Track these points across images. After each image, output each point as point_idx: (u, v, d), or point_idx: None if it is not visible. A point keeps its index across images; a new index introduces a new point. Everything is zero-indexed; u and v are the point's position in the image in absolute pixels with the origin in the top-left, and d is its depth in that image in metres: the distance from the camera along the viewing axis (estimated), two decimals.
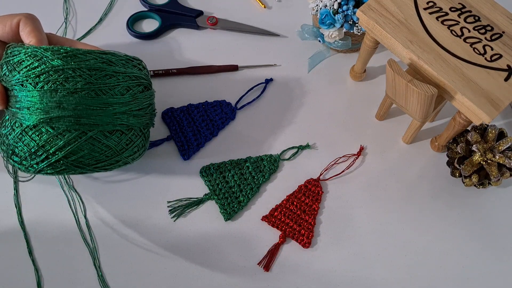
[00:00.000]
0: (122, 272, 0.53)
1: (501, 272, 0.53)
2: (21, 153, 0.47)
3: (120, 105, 0.48)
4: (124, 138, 0.49)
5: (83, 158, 0.47)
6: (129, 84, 0.49)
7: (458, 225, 0.55)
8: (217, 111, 0.61)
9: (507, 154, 0.52)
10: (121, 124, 0.49)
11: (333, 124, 0.61)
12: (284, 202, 0.56)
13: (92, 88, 0.46)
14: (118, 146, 0.49)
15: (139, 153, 0.52)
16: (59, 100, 0.45)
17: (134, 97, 0.49)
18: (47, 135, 0.46)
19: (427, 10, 0.51)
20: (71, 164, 0.47)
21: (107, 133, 0.48)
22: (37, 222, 0.55)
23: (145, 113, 0.51)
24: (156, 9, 0.68)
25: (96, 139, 0.47)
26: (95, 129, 0.47)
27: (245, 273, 0.53)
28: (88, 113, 0.46)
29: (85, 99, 0.46)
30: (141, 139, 0.52)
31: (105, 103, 0.47)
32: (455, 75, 0.47)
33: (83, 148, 0.47)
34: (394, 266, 0.53)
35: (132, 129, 0.50)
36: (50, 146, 0.46)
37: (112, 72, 0.48)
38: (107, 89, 0.47)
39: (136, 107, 0.50)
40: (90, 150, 0.47)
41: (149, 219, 0.55)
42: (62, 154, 0.46)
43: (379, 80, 0.64)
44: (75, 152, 0.47)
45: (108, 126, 0.48)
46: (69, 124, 0.46)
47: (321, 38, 0.62)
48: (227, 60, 0.65)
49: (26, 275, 0.52)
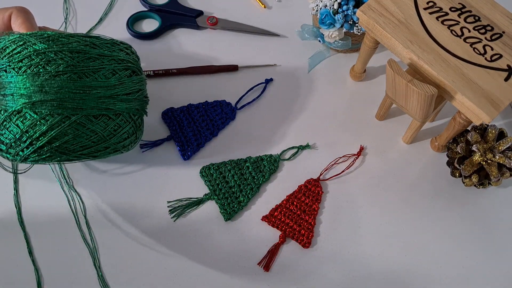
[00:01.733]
0: (122, 272, 0.53)
1: (501, 272, 0.53)
2: (6, 140, 0.46)
3: (105, 89, 0.47)
4: (111, 123, 0.48)
5: (68, 143, 0.46)
6: (115, 68, 0.48)
7: (458, 225, 0.55)
8: (217, 111, 0.61)
9: (507, 154, 0.52)
10: (107, 109, 0.47)
11: (333, 124, 0.61)
12: (284, 202, 0.56)
13: (74, 70, 0.45)
14: (105, 132, 0.48)
15: (130, 140, 0.51)
16: (41, 83, 0.44)
17: (121, 81, 0.48)
18: (31, 120, 0.45)
19: (427, 10, 0.51)
20: (56, 150, 0.46)
21: (92, 118, 0.47)
22: (37, 222, 0.55)
23: (134, 99, 0.50)
24: (156, 9, 0.68)
25: (81, 124, 0.46)
26: (79, 113, 0.46)
27: (245, 273, 0.53)
28: (71, 97, 0.45)
29: (67, 82, 0.45)
30: (131, 125, 0.51)
31: (88, 87, 0.46)
32: (455, 75, 0.47)
33: (67, 133, 0.46)
34: (394, 266, 0.53)
35: (120, 114, 0.49)
36: (34, 132, 0.45)
37: (95, 55, 0.47)
38: (91, 72, 0.46)
39: (123, 92, 0.48)
40: (74, 135, 0.46)
41: (149, 219, 0.55)
42: (45, 139, 0.45)
43: (379, 80, 0.64)
44: (59, 137, 0.46)
45: (92, 111, 0.47)
46: (52, 108, 0.45)
47: (321, 38, 0.62)
48: (227, 60, 0.65)
49: (26, 275, 0.52)
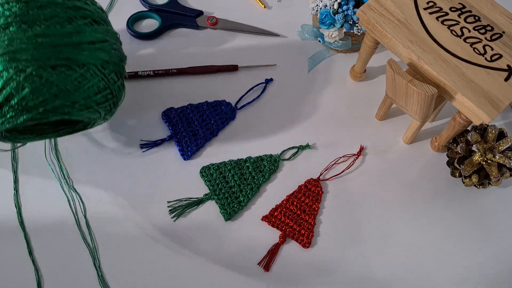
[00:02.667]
0: (122, 272, 0.53)
1: (501, 272, 0.53)
2: None
3: (60, 37, 0.44)
4: (73, 74, 0.45)
5: (27, 99, 0.44)
6: (70, 15, 0.45)
7: (458, 225, 0.55)
8: (217, 111, 0.61)
9: (507, 154, 0.52)
10: (66, 59, 0.45)
11: (333, 124, 0.61)
12: (284, 202, 0.56)
13: (24, 20, 0.43)
14: (67, 84, 0.45)
15: (103, 96, 0.49)
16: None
17: (78, 30, 0.46)
18: None
19: (427, 10, 0.51)
20: (17, 109, 0.44)
21: (49, 69, 0.44)
22: (37, 222, 0.55)
23: (99, 49, 0.47)
24: (156, 9, 0.68)
25: (37, 76, 0.44)
26: (34, 65, 0.43)
27: (245, 273, 0.53)
28: (24, 48, 0.43)
29: (17, 34, 0.43)
30: (100, 79, 0.48)
31: (41, 35, 0.43)
32: (455, 75, 0.47)
33: (24, 86, 0.43)
34: (394, 266, 0.53)
35: (84, 65, 0.46)
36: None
37: (46, 2, 0.44)
38: (42, 21, 0.44)
39: (83, 40, 0.46)
40: (33, 88, 0.44)
41: (149, 219, 0.55)
42: (2, 97, 0.43)
43: (379, 80, 0.64)
44: (16, 92, 0.43)
45: (49, 61, 0.44)
46: (4, 63, 0.43)
47: (321, 38, 0.62)
48: (227, 60, 0.65)
49: (26, 275, 0.52)
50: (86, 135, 0.60)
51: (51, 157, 0.58)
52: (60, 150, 0.59)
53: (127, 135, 0.60)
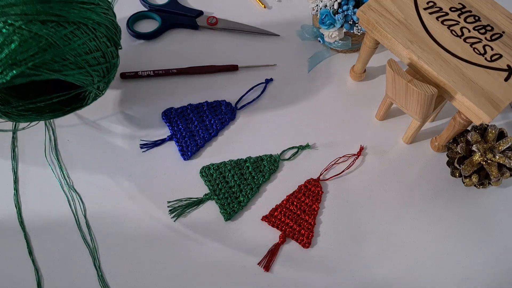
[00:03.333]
0: (122, 272, 0.53)
1: (501, 272, 0.53)
2: None
3: None
4: (62, 30, 0.45)
5: (16, 52, 0.43)
6: None
7: (458, 225, 0.55)
8: (217, 111, 0.61)
9: (507, 154, 0.52)
10: (55, 15, 0.45)
11: (333, 124, 0.61)
12: (284, 202, 0.56)
13: None
14: (56, 38, 0.45)
15: (94, 57, 0.48)
16: None
17: None
18: None
19: (427, 10, 0.51)
20: (6, 63, 0.44)
21: (38, 23, 0.44)
22: (37, 222, 0.55)
23: (91, 11, 0.47)
24: (156, 9, 0.68)
25: (26, 30, 0.43)
26: (24, 19, 0.43)
27: (245, 273, 0.53)
28: (12, 3, 0.43)
29: None
30: (91, 38, 0.48)
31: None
32: (455, 75, 0.47)
33: (13, 40, 0.43)
34: (394, 266, 0.53)
35: (75, 24, 0.46)
36: None
37: None
38: None
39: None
40: (21, 41, 0.43)
41: (149, 219, 0.55)
42: None
43: (379, 80, 0.64)
44: (4, 45, 0.43)
45: (39, 16, 0.44)
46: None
47: (321, 38, 0.62)
48: (227, 60, 0.65)
49: (26, 275, 0.52)
50: (86, 135, 0.60)
51: (51, 157, 0.58)
52: (60, 150, 0.59)
53: (127, 135, 0.60)
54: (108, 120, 0.61)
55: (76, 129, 0.60)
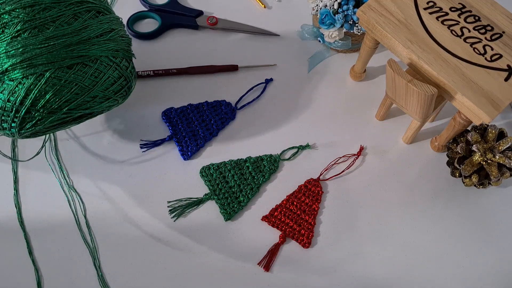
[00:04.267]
0: (122, 272, 0.53)
1: (501, 272, 0.53)
2: None
3: (70, 36, 0.45)
4: (89, 70, 0.47)
5: (51, 102, 0.45)
6: (75, 12, 0.46)
7: (458, 225, 0.55)
8: (217, 111, 0.61)
9: (507, 154, 0.52)
10: (80, 56, 0.46)
11: (333, 124, 0.61)
12: (284, 202, 0.56)
13: (33, 25, 0.44)
14: (85, 80, 0.46)
15: (119, 85, 0.50)
16: (4, 49, 0.43)
17: (85, 24, 0.46)
18: (8, 88, 0.44)
19: (427, 10, 0.51)
20: (44, 112, 0.45)
21: (66, 69, 0.45)
22: (37, 222, 0.55)
23: (108, 40, 0.48)
24: (156, 9, 0.68)
25: (56, 78, 0.45)
26: (51, 68, 0.45)
27: (245, 273, 0.53)
28: (38, 53, 0.44)
29: (29, 40, 0.44)
30: (114, 69, 0.49)
31: (52, 38, 0.44)
32: (455, 75, 0.47)
33: (47, 90, 0.45)
34: (394, 266, 0.53)
35: (97, 60, 0.47)
36: (15, 98, 0.44)
37: (49, 3, 0.45)
38: (50, 23, 0.44)
39: (92, 35, 0.47)
40: (55, 91, 0.45)
41: (149, 219, 0.55)
42: (28, 102, 0.44)
43: (379, 80, 0.64)
44: (40, 97, 0.45)
45: (64, 62, 0.45)
46: (23, 70, 0.44)
47: (321, 38, 0.62)
48: (227, 60, 0.65)
49: (26, 275, 0.52)
50: (86, 135, 0.60)
51: (51, 157, 0.58)
52: (60, 150, 0.59)
53: (127, 135, 0.60)
54: (108, 120, 0.61)
55: (76, 129, 0.60)
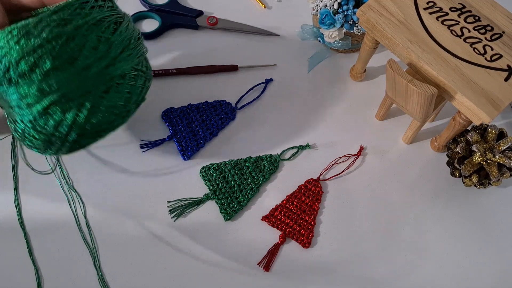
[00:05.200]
0: (122, 272, 0.53)
1: (501, 272, 0.53)
2: (36, 147, 0.46)
3: (99, 62, 0.44)
4: (122, 88, 0.46)
5: (95, 126, 0.45)
6: (97, 34, 0.44)
7: (458, 225, 0.55)
8: (217, 111, 0.61)
9: (507, 154, 0.52)
10: (111, 78, 0.45)
11: (333, 124, 0.61)
12: (284, 202, 0.56)
13: (63, 58, 0.42)
14: (122, 99, 0.46)
15: (146, 88, 0.49)
16: (40, 88, 0.42)
17: (109, 43, 0.44)
18: (51, 125, 0.43)
19: (427, 10, 0.51)
20: (92, 135, 0.46)
21: (103, 94, 0.44)
22: (37, 222, 0.55)
23: (131, 50, 0.47)
24: (156, 9, 0.68)
25: (96, 106, 0.44)
26: (89, 97, 0.44)
27: (245, 273, 0.53)
28: (74, 87, 0.43)
29: (62, 74, 0.42)
30: (140, 75, 0.48)
31: (84, 68, 0.43)
32: (455, 75, 0.47)
33: (90, 119, 0.44)
34: (394, 266, 0.53)
35: (125, 74, 0.46)
36: (60, 133, 0.44)
37: (72, 30, 0.42)
38: (77, 52, 0.42)
39: (118, 52, 0.45)
40: (98, 119, 0.45)
41: (149, 219, 0.55)
42: (74, 134, 0.45)
43: (379, 80, 0.64)
44: (86, 124, 0.45)
45: (100, 87, 0.44)
46: (64, 105, 0.43)
47: (321, 38, 0.62)
48: (227, 60, 0.65)
49: (26, 275, 0.52)
50: None
51: (51, 157, 0.58)
52: None
53: (127, 135, 0.60)
54: None
55: None
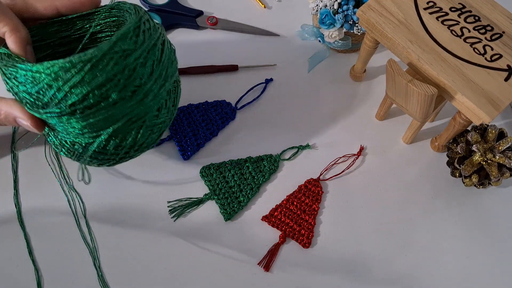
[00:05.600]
0: (122, 272, 0.53)
1: (501, 272, 0.53)
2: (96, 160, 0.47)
3: (155, 84, 0.43)
4: (169, 103, 0.46)
5: (147, 142, 0.47)
6: (152, 59, 0.41)
7: (458, 225, 0.55)
8: (217, 111, 0.61)
9: (507, 154, 0.52)
10: (162, 94, 0.44)
11: (333, 124, 0.61)
12: (284, 202, 0.56)
13: (126, 91, 0.40)
14: (170, 114, 0.47)
15: (180, 93, 0.50)
16: (106, 116, 0.41)
17: (162, 66, 0.43)
18: (110, 146, 0.44)
19: (427, 10, 0.51)
20: (137, 150, 0.47)
21: (156, 112, 0.45)
22: (37, 222, 0.55)
23: (173, 62, 0.46)
24: (156, 9, 0.68)
25: (149, 127, 0.45)
26: (146, 119, 0.44)
27: (245, 273, 0.53)
28: (138, 113, 0.43)
29: (126, 104, 0.41)
30: (179, 85, 0.49)
31: (145, 94, 0.42)
32: (455, 75, 0.47)
33: (143, 136, 0.45)
34: (394, 266, 0.53)
35: (170, 90, 0.46)
36: (120, 153, 0.46)
37: (133, 62, 0.40)
38: (138, 78, 0.40)
39: (168, 70, 0.44)
40: (148, 136, 0.46)
41: (149, 219, 0.55)
42: (132, 153, 0.46)
43: (379, 80, 0.64)
44: (138, 142, 0.46)
45: (155, 107, 0.44)
46: (125, 129, 0.43)
47: (321, 38, 0.62)
48: (227, 60, 0.65)
49: (26, 275, 0.52)
50: None
51: (51, 157, 0.58)
52: None
53: None
54: None
55: None
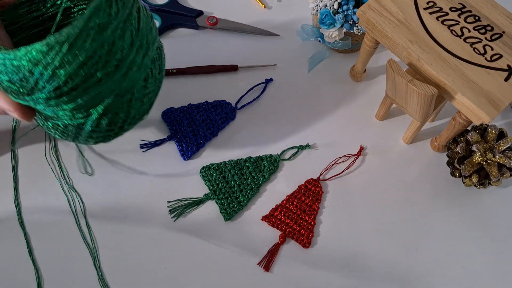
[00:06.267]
0: (122, 272, 0.53)
1: (501, 271, 0.53)
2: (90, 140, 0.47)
3: (138, 54, 0.42)
4: (156, 72, 0.46)
5: (139, 114, 0.47)
6: (129, 29, 0.41)
7: (458, 225, 0.55)
8: (217, 111, 0.61)
9: (507, 154, 0.52)
10: (146, 63, 0.43)
11: (333, 124, 0.61)
12: (284, 202, 0.56)
13: (110, 67, 0.40)
14: (157, 82, 0.47)
15: (164, 61, 0.49)
16: (94, 95, 0.40)
17: (141, 35, 0.42)
18: (103, 124, 0.44)
19: (427, 10, 0.51)
20: (130, 123, 0.47)
21: (143, 82, 0.44)
22: (37, 222, 0.55)
23: (153, 29, 0.45)
24: (156, 9, 0.68)
25: (138, 98, 0.45)
26: (134, 90, 0.44)
27: (245, 273, 0.53)
28: (125, 86, 0.42)
29: (111, 79, 0.40)
30: (162, 51, 0.48)
31: (128, 66, 0.41)
32: (455, 75, 0.47)
33: (134, 109, 0.45)
34: (394, 266, 0.53)
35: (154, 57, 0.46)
36: (115, 129, 0.46)
37: (111, 36, 0.39)
38: (119, 52, 0.40)
39: (148, 38, 0.43)
40: (139, 107, 0.46)
41: (149, 219, 0.55)
42: (126, 126, 0.47)
43: (379, 80, 0.64)
44: (130, 115, 0.46)
45: (141, 78, 0.44)
46: (116, 105, 0.43)
47: (321, 38, 0.62)
48: (227, 60, 0.65)
49: (26, 275, 0.52)
50: None
51: (51, 157, 0.58)
52: (60, 150, 0.59)
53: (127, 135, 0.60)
54: None
55: None
